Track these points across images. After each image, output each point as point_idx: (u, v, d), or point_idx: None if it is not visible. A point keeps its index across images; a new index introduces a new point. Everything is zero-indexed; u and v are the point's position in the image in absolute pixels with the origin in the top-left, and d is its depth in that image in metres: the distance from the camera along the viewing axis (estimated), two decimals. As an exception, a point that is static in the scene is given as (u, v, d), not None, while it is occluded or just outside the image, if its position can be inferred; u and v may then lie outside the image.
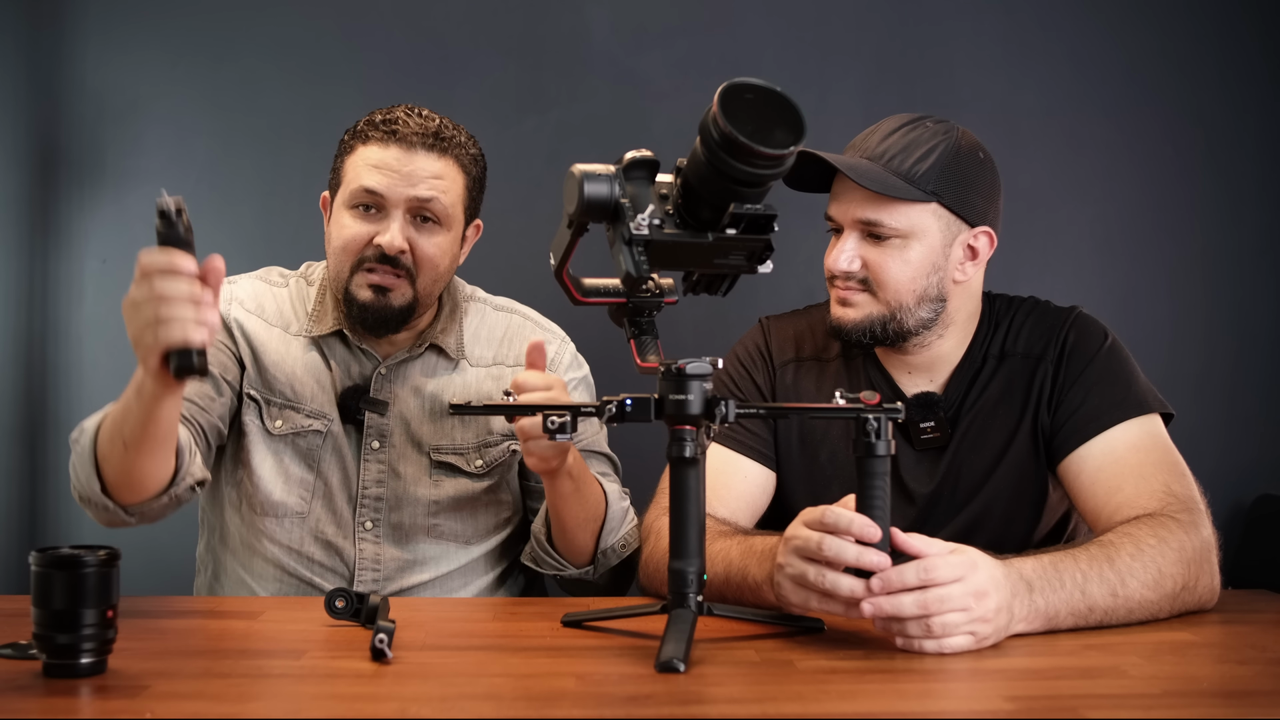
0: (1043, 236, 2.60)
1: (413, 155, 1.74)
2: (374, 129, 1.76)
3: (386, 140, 1.74)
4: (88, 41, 2.52)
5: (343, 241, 1.77)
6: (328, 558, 1.83)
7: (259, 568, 1.84)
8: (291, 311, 1.87)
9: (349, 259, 1.77)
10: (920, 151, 1.68)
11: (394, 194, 1.74)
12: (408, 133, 1.74)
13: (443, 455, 1.85)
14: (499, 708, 1.15)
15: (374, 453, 1.84)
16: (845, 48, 2.60)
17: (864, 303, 1.73)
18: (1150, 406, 1.69)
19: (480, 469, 1.87)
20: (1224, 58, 2.63)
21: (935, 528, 1.74)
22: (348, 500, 1.83)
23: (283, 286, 1.90)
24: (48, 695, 1.16)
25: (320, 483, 1.83)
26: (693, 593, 1.35)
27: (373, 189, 1.74)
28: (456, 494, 1.86)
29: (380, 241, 1.74)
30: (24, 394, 2.52)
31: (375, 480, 1.84)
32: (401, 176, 1.74)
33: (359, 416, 1.83)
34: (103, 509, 1.56)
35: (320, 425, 1.83)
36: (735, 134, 1.23)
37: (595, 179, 1.32)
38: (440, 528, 1.86)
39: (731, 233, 1.31)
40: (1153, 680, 1.25)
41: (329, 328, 1.84)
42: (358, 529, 1.83)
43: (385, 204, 1.75)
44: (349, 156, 1.78)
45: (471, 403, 1.48)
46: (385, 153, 1.74)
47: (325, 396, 1.84)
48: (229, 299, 1.85)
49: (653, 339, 1.41)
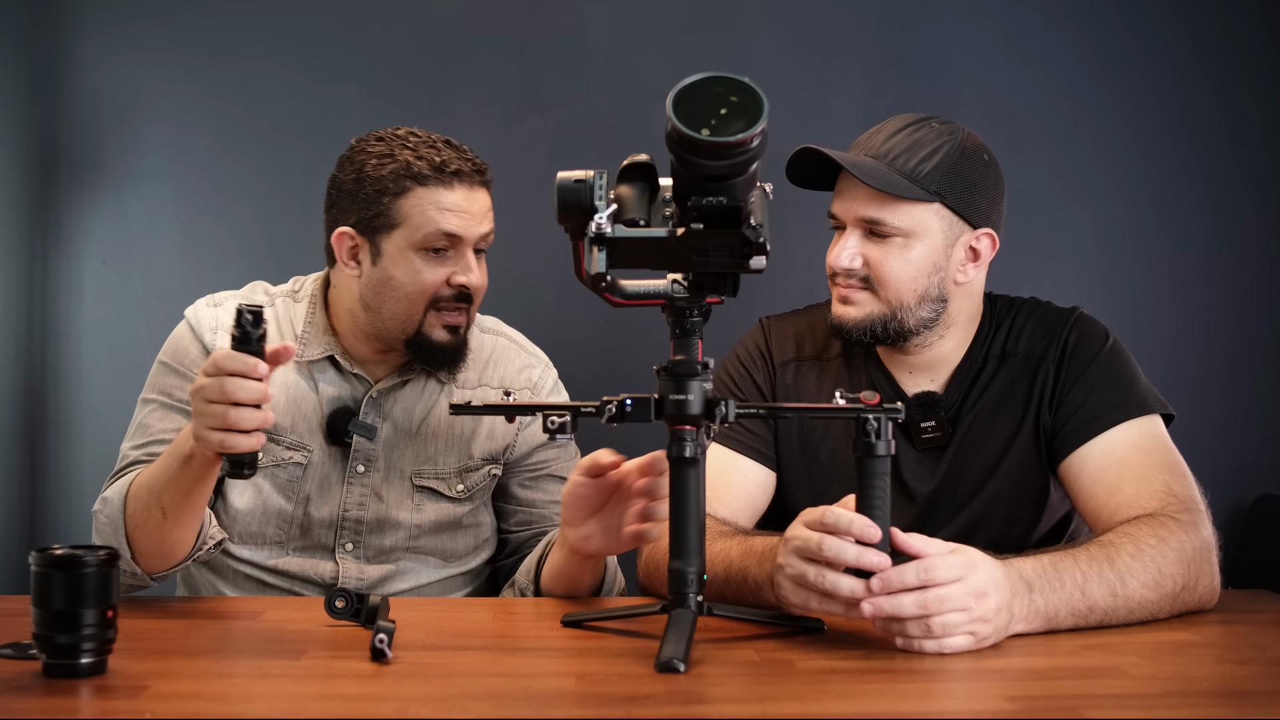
0: (1043, 237, 2.60)
1: (474, 194, 1.76)
2: (432, 169, 1.73)
3: (451, 182, 1.73)
4: (88, 41, 2.52)
5: (421, 286, 1.75)
6: (303, 571, 1.82)
7: (237, 583, 1.83)
8: (277, 334, 1.84)
9: (424, 300, 1.76)
10: (925, 151, 1.68)
11: (469, 234, 1.75)
12: (465, 171, 1.75)
13: (424, 480, 1.84)
14: (499, 708, 1.15)
15: (358, 477, 1.82)
16: (845, 48, 2.61)
17: (865, 301, 1.73)
18: (1151, 407, 1.69)
19: (461, 494, 1.86)
20: (1224, 58, 2.63)
21: (936, 527, 1.74)
22: (329, 525, 1.82)
23: (268, 306, 1.85)
24: (48, 695, 1.16)
25: (299, 512, 1.81)
26: (693, 593, 1.35)
27: (453, 232, 1.74)
28: (438, 518, 1.85)
29: (464, 281, 1.76)
30: (24, 394, 2.52)
31: (358, 504, 1.82)
32: (472, 216, 1.75)
33: (346, 439, 1.81)
34: (130, 575, 1.62)
35: (300, 457, 1.80)
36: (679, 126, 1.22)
37: (568, 183, 1.32)
38: (420, 546, 1.86)
39: (698, 227, 1.28)
40: (1153, 680, 1.25)
41: (319, 353, 1.82)
42: (338, 549, 1.83)
43: (460, 244, 1.75)
44: (405, 198, 1.73)
45: (471, 402, 1.47)
46: (454, 195, 1.74)
47: (306, 425, 1.81)
48: (214, 327, 1.80)
49: (693, 340, 1.39)
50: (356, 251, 1.78)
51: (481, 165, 1.78)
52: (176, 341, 1.82)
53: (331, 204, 1.81)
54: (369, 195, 1.74)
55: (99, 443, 2.50)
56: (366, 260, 1.77)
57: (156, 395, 1.79)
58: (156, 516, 1.55)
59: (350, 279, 1.80)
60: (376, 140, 1.77)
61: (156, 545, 1.58)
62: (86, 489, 2.51)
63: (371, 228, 1.75)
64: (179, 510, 1.55)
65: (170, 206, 2.54)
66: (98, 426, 2.51)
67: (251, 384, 1.39)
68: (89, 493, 2.49)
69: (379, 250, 1.76)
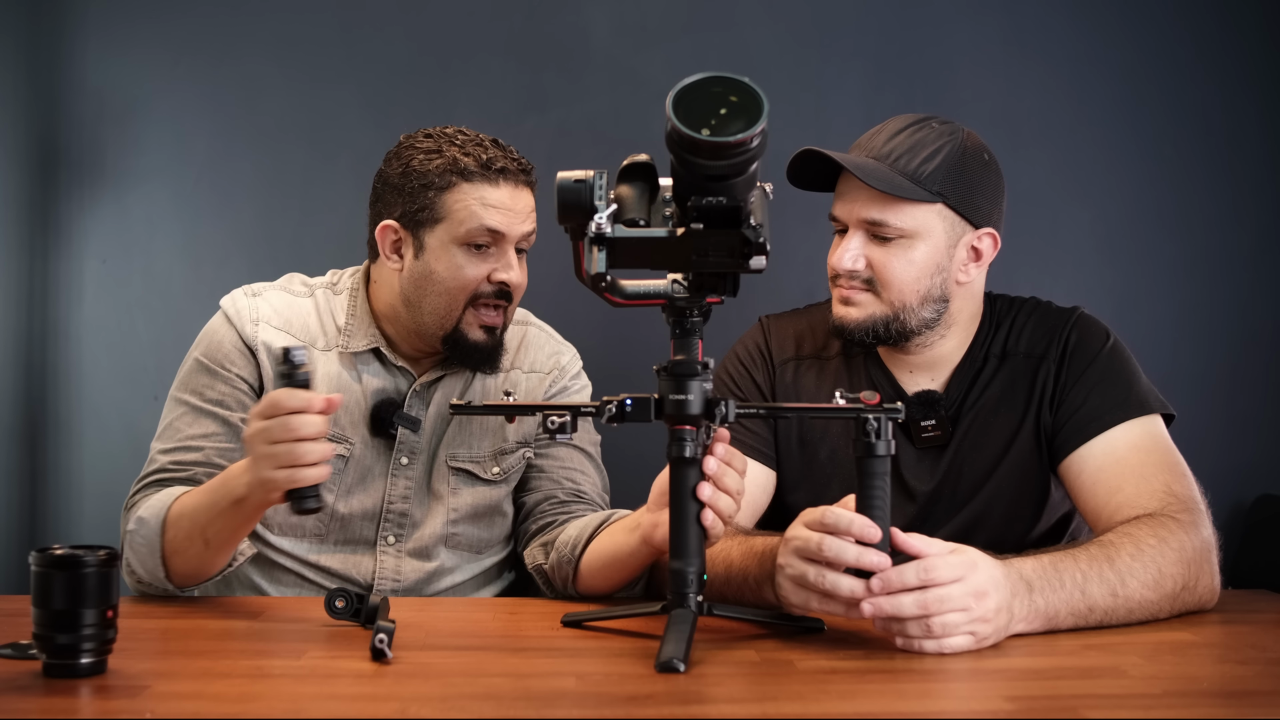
0: (1043, 237, 2.59)
1: (519, 192, 1.77)
2: (479, 166, 1.74)
3: (496, 179, 1.75)
4: (88, 41, 2.52)
5: (462, 281, 1.77)
6: (345, 570, 1.82)
7: (276, 576, 1.83)
8: (319, 325, 1.85)
9: (465, 296, 1.77)
10: (927, 152, 1.69)
11: (512, 231, 1.77)
12: (511, 169, 1.76)
13: (459, 462, 1.85)
14: (499, 708, 1.15)
15: (402, 469, 1.83)
16: (845, 48, 2.60)
17: (867, 302, 1.73)
18: (1151, 407, 1.69)
19: (497, 476, 1.87)
20: (1224, 58, 2.63)
21: (936, 526, 1.75)
22: (371, 518, 1.83)
23: (307, 297, 1.87)
24: (48, 695, 1.16)
25: (340, 505, 1.81)
26: (693, 593, 1.35)
27: (496, 228, 1.75)
28: (474, 502, 1.86)
29: (505, 278, 1.78)
30: (24, 394, 2.52)
31: (402, 496, 1.83)
32: (516, 214, 1.77)
33: (391, 431, 1.82)
34: (161, 591, 1.64)
35: (344, 449, 1.81)
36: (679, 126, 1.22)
37: (568, 183, 1.32)
38: (457, 537, 1.86)
39: (698, 227, 1.29)
40: (1153, 680, 1.25)
41: (365, 345, 1.83)
42: (380, 543, 1.83)
43: (502, 241, 1.77)
44: (450, 193, 1.75)
45: (471, 402, 1.48)
46: (499, 192, 1.75)
47: (349, 418, 1.82)
48: (255, 319, 1.81)
49: (693, 340, 1.39)
50: (400, 245, 1.80)
51: (527, 165, 1.80)
52: (211, 335, 1.82)
53: (376, 198, 1.83)
54: (414, 189, 1.76)
55: (99, 443, 2.50)
56: (409, 254, 1.79)
57: (187, 395, 1.79)
58: (198, 545, 1.57)
59: (392, 273, 1.81)
60: (425, 137, 1.79)
61: (195, 569, 1.61)
62: (86, 489, 2.51)
63: (415, 221, 1.77)
64: (224, 543, 1.58)
65: (170, 206, 2.53)
66: (98, 426, 2.51)
67: (313, 418, 1.42)
68: (89, 493, 2.50)
69: (422, 244, 1.78)
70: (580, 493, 1.86)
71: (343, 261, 1.98)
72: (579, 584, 1.71)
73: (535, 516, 1.86)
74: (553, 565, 1.73)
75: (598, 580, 1.68)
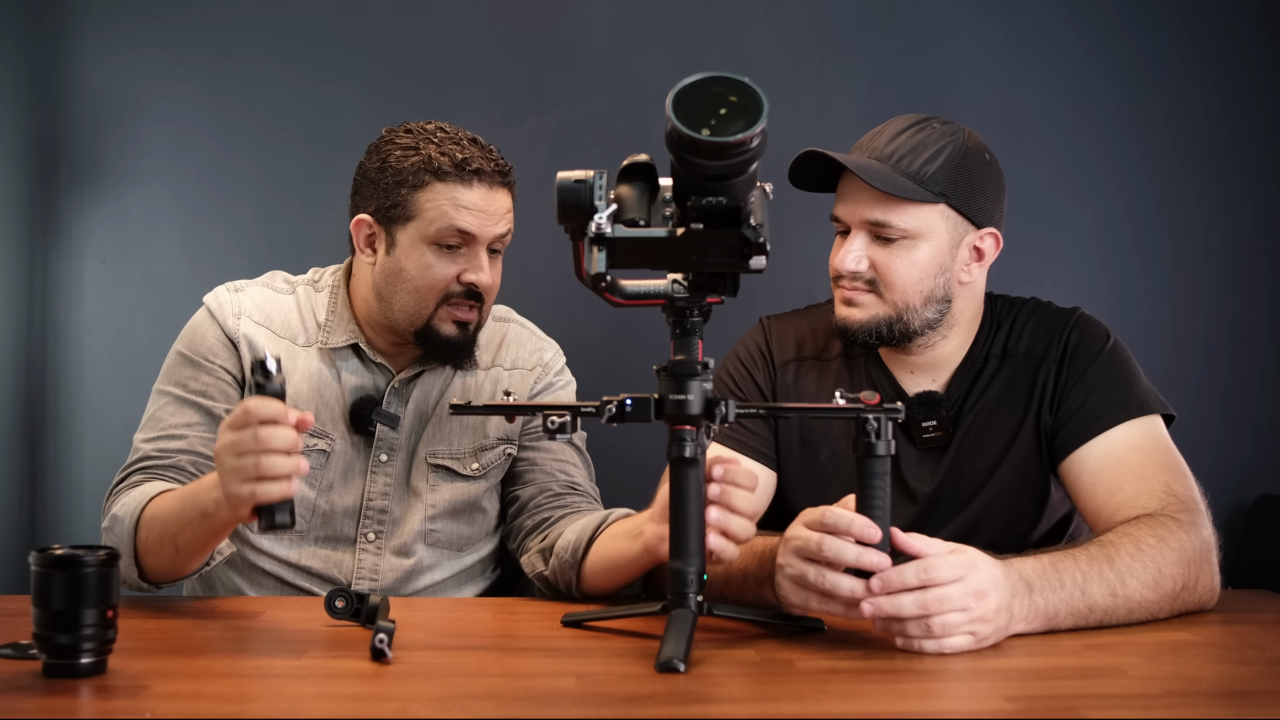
0: (1043, 236, 2.59)
1: (494, 194, 1.77)
2: (453, 166, 1.74)
3: (470, 180, 1.74)
4: (88, 41, 2.52)
5: (430, 280, 1.77)
6: (325, 569, 1.82)
7: (255, 579, 1.83)
8: (299, 322, 1.86)
9: (435, 295, 1.77)
10: (929, 152, 1.68)
11: (483, 233, 1.76)
12: (486, 170, 1.75)
13: (439, 459, 1.85)
14: (499, 708, 1.15)
15: (381, 466, 1.83)
16: (845, 48, 2.60)
17: (870, 303, 1.73)
18: (1151, 407, 1.69)
19: (476, 472, 1.87)
20: (1224, 58, 2.63)
21: (936, 527, 1.75)
22: (351, 514, 1.83)
23: (289, 294, 1.88)
24: (48, 695, 1.16)
25: (322, 501, 1.82)
26: (693, 593, 1.35)
27: (466, 229, 1.75)
28: (453, 499, 1.86)
29: (474, 279, 1.77)
30: (24, 394, 2.52)
31: (381, 493, 1.83)
32: (488, 216, 1.76)
33: (370, 429, 1.82)
34: (135, 588, 1.64)
35: (324, 445, 1.81)
36: (679, 126, 1.22)
37: (568, 183, 1.32)
38: (436, 533, 1.86)
39: (698, 227, 1.28)
40: (1153, 680, 1.25)
41: (344, 340, 1.84)
42: (360, 540, 1.83)
43: (473, 242, 1.77)
44: (423, 192, 1.75)
45: (471, 402, 1.48)
46: (472, 193, 1.75)
47: (329, 413, 1.82)
48: (238, 312, 1.82)
49: (693, 340, 1.39)
50: (373, 240, 1.81)
51: (505, 166, 1.79)
52: (194, 329, 1.83)
53: (355, 190, 1.83)
54: (389, 185, 1.77)
55: (99, 443, 2.50)
56: (381, 249, 1.80)
57: (170, 387, 1.79)
58: (169, 550, 1.57)
59: (366, 267, 1.82)
60: (405, 132, 1.79)
61: (167, 570, 1.61)
62: (86, 489, 2.51)
63: (389, 217, 1.78)
64: (194, 551, 1.56)
65: (170, 206, 2.53)
66: (98, 426, 2.51)
67: (284, 431, 1.38)
68: (89, 493, 2.50)
69: (394, 241, 1.78)
70: (575, 484, 1.87)
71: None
72: (583, 586, 1.71)
73: (530, 511, 1.86)
74: (554, 571, 1.73)
75: (599, 582, 1.68)
